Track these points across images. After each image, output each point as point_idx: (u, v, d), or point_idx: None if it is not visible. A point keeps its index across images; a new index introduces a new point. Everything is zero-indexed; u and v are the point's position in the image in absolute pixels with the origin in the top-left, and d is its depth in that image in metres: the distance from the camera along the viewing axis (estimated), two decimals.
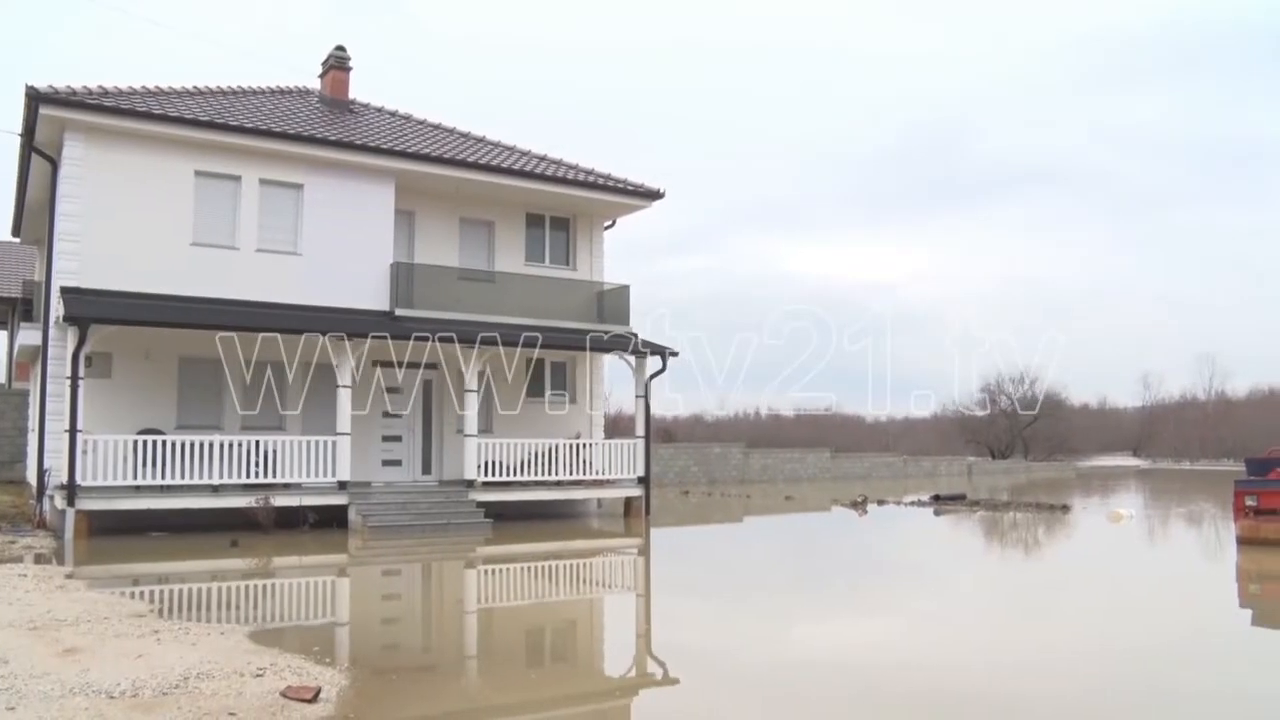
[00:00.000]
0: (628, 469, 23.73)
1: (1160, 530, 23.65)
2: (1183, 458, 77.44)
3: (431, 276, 22.77)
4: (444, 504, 20.85)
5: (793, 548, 21.21)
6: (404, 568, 16.61)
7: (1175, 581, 15.58)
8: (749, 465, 45.02)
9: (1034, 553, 19.76)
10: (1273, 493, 17.88)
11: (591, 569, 17.02)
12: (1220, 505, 27.60)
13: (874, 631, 10.79)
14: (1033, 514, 26.83)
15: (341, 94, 26.47)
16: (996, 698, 7.70)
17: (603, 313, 25.19)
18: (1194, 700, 7.68)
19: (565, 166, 25.60)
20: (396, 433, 23.08)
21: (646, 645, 10.41)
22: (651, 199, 26.14)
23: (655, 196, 26.11)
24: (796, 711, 7.33)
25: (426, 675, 8.49)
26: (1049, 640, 10.23)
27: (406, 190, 22.92)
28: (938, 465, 55.16)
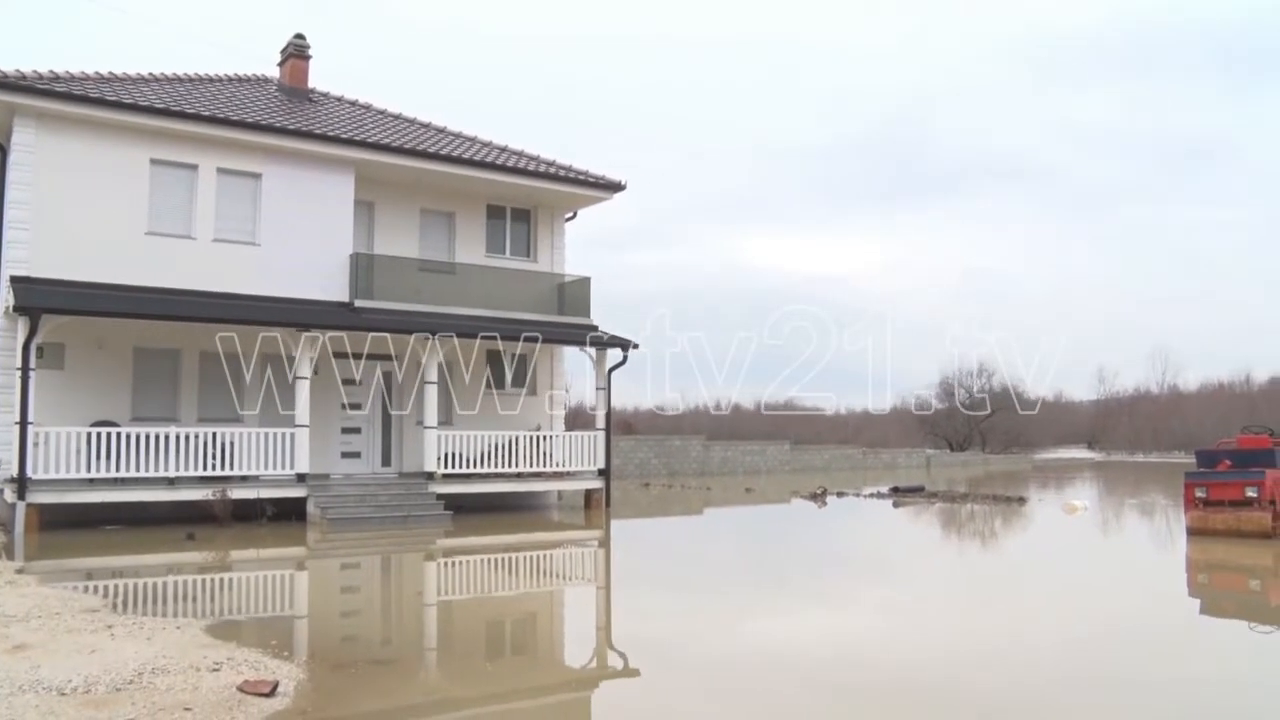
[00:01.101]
0: (588, 461, 23.72)
1: (1113, 521, 24.01)
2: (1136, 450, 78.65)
3: (391, 268, 22.61)
4: (404, 496, 20.75)
5: (753, 539, 21.30)
6: (363, 560, 16.50)
7: (1127, 572, 15.83)
8: (709, 457, 45.15)
9: (991, 544, 19.98)
10: (1221, 484, 18.19)
11: (552, 561, 17.01)
12: (1171, 497, 28.04)
13: (833, 622, 10.87)
14: (990, 506, 27.13)
15: (301, 83, 26.20)
16: (954, 687, 7.78)
17: (564, 305, 25.14)
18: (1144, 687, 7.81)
19: (527, 158, 25.50)
20: (356, 425, 22.93)
21: (607, 637, 10.42)
22: (613, 191, 26.11)
23: (617, 188, 26.09)
24: (756, 702, 7.37)
25: (386, 669, 8.45)
26: (1005, 630, 10.36)
27: (366, 180, 22.74)
28: (896, 457, 55.63)
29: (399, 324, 21.63)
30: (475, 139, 25.74)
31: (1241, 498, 17.78)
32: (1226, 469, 18.66)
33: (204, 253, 20.45)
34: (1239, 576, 14.73)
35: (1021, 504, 27.40)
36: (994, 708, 7.20)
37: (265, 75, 26.42)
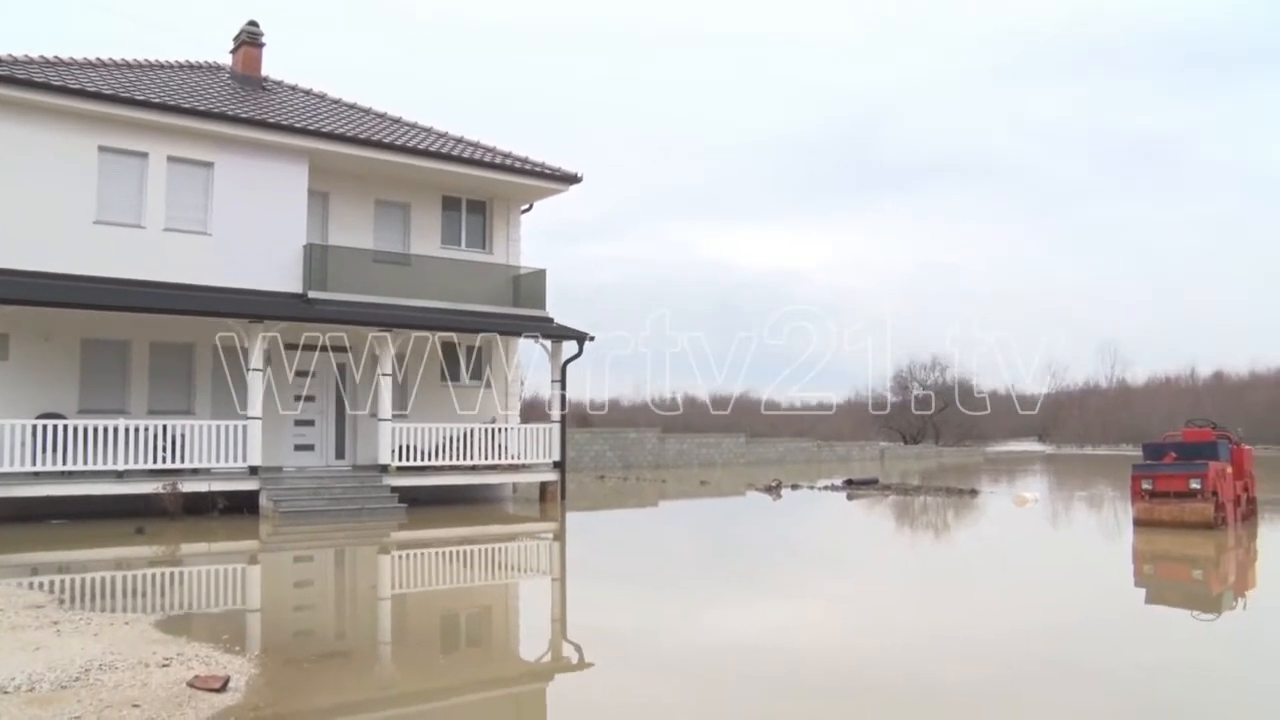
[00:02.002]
0: (543, 454, 23.69)
1: (1063, 513, 24.36)
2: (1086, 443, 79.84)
3: (346, 259, 22.41)
4: (358, 489, 20.61)
5: (708, 532, 21.39)
6: (316, 553, 16.38)
7: (1076, 562, 16.08)
8: (664, 450, 45.24)
9: (943, 536, 20.21)
10: (1166, 477, 18.53)
11: (507, 554, 16.98)
12: (1119, 489, 28.49)
13: (787, 614, 10.94)
14: (942, 498, 27.42)
15: (254, 71, 25.86)
16: (907, 678, 7.87)
17: (519, 297, 25.07)
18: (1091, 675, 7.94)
19: (483, 149, 25.38)
20: (309, 417, 22.72)
21: (562, 629, 10.43)
22: (569, 183, 26.06)
23: (573, 180, 26.03)
24: (710, 694, 7.41)
25: (339, 662, 8.40)
26: (958, 621, 10.49)
27: (321, 171, 22.50)
28: (850, 450, 56.06)
29: (353, 316, 21.46)
30: (431, 130, 25.56)
31: (1186, 489, 18.12)
32: (1172, 461, 19.00)
33: (154, 242, 20.14)
34: (1183, 567, 15.02)
35: (973, 496, 27.73)
36: (946, 697, 7.29)
37: (218, 63, 26.04)
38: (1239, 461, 20.14)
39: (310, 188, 22.20)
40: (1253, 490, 21.23)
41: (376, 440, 21.65)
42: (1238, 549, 16.70)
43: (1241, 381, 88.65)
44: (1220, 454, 19.15)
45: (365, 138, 22.73)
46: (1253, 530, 19.11)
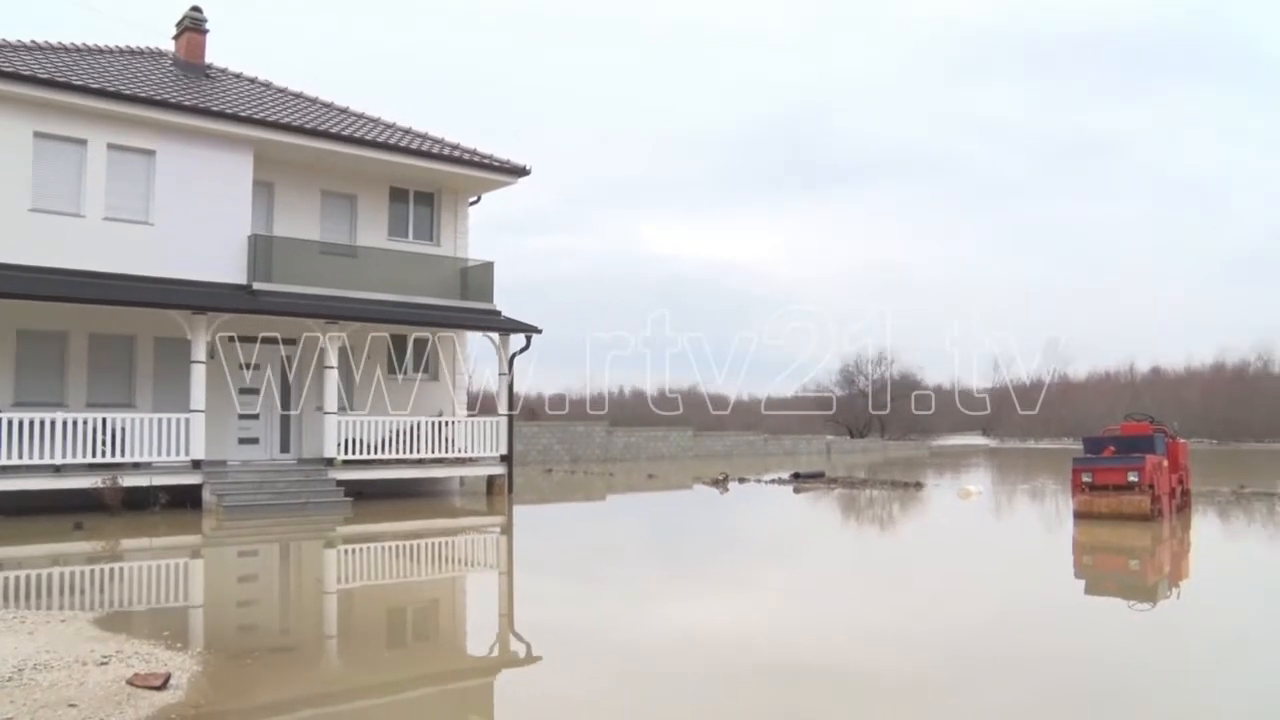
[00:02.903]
0: (490, 447, 23.61)
1: (1006, 505, 24.77)
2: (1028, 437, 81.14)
3: (291, 250, 22.13)
4: (303, 483, 20.40)
5: (655, 525, 21.45)
6: (261, 548, 16.20)
7: (1018, 554, 16.36)
8: (612, 443, 45.27)
9: (889, 528, 20.45)
10: (1105, 470, 18.88)
11: (454, 548, 16.91)
12: (1060, 481, 28.99)
13: (734, 607, 11.00)
14: (888, 491, 27.72)
15: (197, 57, 25.39)
16: (852, 669, 7.96)
17: (467, 289, 24.93)
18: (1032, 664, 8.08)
19: (431, 140, 25.19)
20: (254, 410, 22.43)
21: (509, 624, 10.40)
22: (518, 175, 25.95)
23: (521, 173, 25.93)
24: (659, 687, 7.44)
25: (284, 657, 8.32)
26: (902, 611, 10.62)
27: (265, 160, 22.18)
28: (798, 444, 56.48)
29: (299, 307, 21.22)
30: (379, 120, 25.32)
31: (1124, 482, 18.47)
32: (1111, 455, 19.36)
33: (94, 231, 19.73)
34: (1120, 558, 15.33)
35: (918, 489, 28.07)
36: (890, 688, 7.38)
37: (159, 49, 25.55)
38: (1175, 455, 20.57)
39: (255, 178, 21.87)
40: (1187, 483, 21.71)
41: (322, 433, 21.44)
42: (1172, 540, 17.07)
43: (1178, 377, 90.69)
44: (1157, 448, 19.55)
45: (311, 127, 22.46)
46: (1187, 521, 19.55)
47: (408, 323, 23.45)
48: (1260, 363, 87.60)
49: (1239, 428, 79.39)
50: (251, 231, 21.65)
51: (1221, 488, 26.78)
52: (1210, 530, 18.98)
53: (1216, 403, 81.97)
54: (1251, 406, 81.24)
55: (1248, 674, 7.95)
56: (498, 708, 7.33)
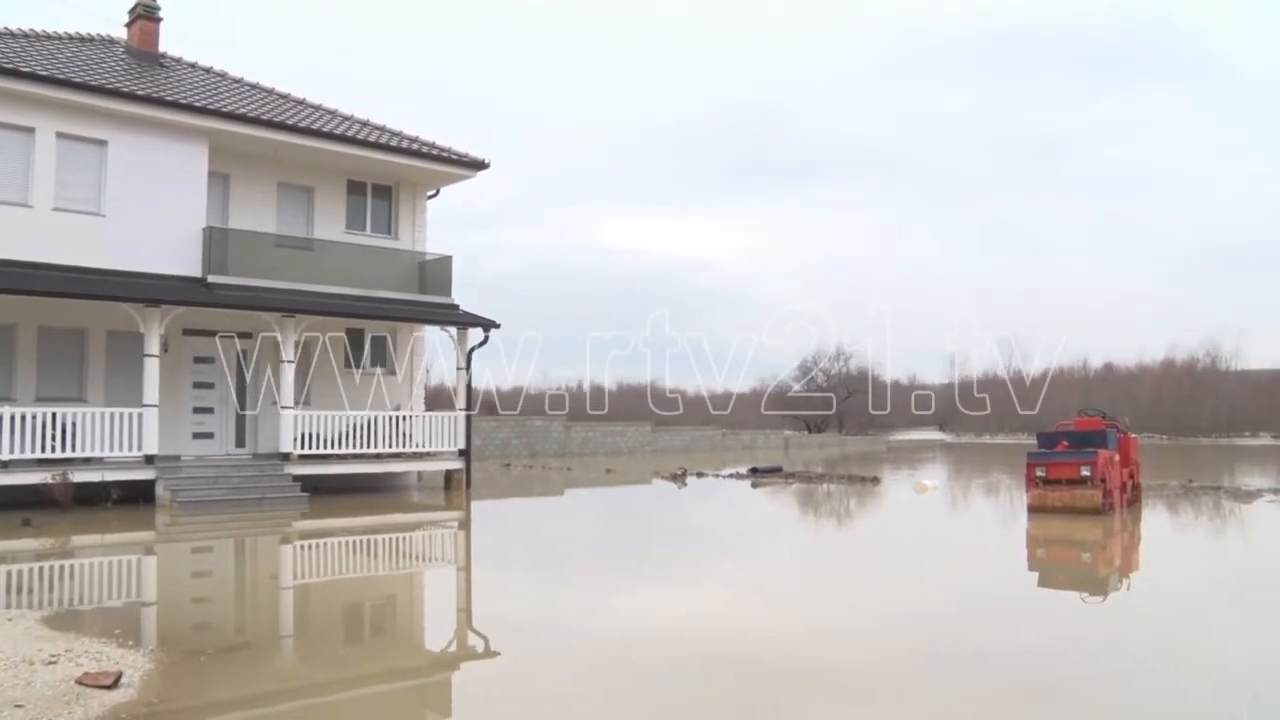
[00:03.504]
0: (448, 442, 23.51)
1: (961, 500, 25.03)
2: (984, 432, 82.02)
3: (247, 242, 21.88)
4: (258, 478, 20.19)
5: (613, 520, 21.46)
6: (215, 544, 16.02)
7: (973, 547, 16.55)
8: (570, 438, 45.23)
9: (846, 522, 20.60)
10: (1058, 464, 19.14)
11: (411, 543, 16.82)
12: (1014, 476, 29.35)
13: (693, 601, 11.04)
14: (845, 485, 27.92)
15: (150, 46, 24.97)
16: (808, 662, 8.01)
17: (425, 283, 24.77)
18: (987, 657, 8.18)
19: (389, 133, 24.99)
20: (209, 404, 22.16)
21: (467, 619, 10.38)
22: (476, 169, 25.83)
23: (480, 167, 25.81)
24: (617, 682, 7.46)
25: (239, 655, 8.23)
26: (859, 605, 10.71)
27: (221, 152, 21.89)
28: (755, 438, 56.72)
29: (255, 301, 20.99)
30: (336, 112, 25.07)
31: (1077, 476, 18.74)
32: (1064, 449, 19.63)
33: (43, 222, 19.36)
34: (1073, 551, 15.56)
35: (875, 484, 28.29)
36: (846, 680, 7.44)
37: (112, 36, 25.12)
38: (1126, 450, 20.90)
39: (210, 169, 21.57)
40: (1138, 477, 22.07)
41: (278, 428, 21.23)
42: (1123, 533, 17.34)
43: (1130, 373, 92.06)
44: (1109, 443, 19.85)
45: (268, 119, 22.19)
46: (1137, 515, 19.87)
47: (365, 317, 23.28)
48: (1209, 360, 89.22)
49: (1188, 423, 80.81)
50: (206, 223, 21.36)
51: (1171, 482, 27.23)
52: (1160, 523, 19.30)
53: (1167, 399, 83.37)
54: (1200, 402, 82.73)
55: (1195, 664, 8.09)
56: (455, 703, 7.31)
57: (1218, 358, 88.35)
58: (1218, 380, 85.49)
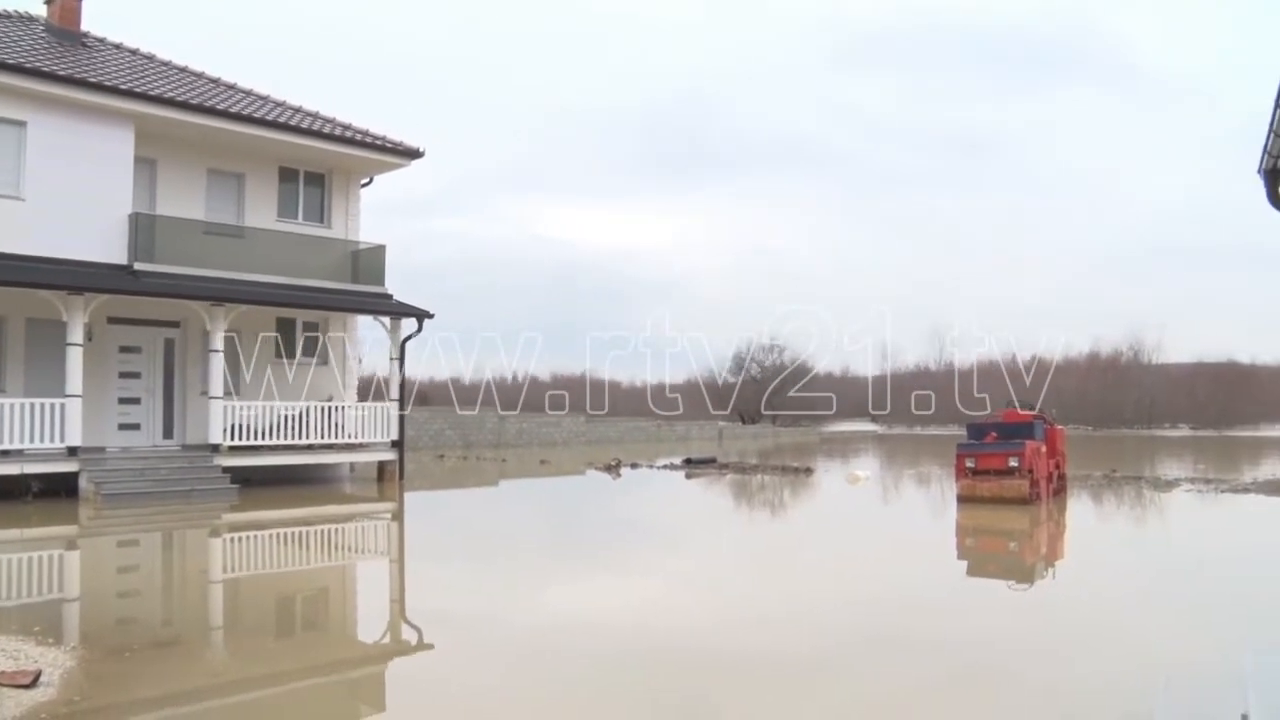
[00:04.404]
0: (381, 433, 23.30)
1: (893, 490, 25.38)
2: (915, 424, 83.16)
3: (175, 229, 21.41)
4: (187, 469, 19.82)
5: (548, 511, 21.43)
6: (142, 537, 15.70)
7: (904, 537, 16.80)
8: (505, 429, 45.04)
9: (779, 513, 20.77)
10: (987, 455, 19.50)
11: (343, 535, 16.64)
12: (944, 467, 29.82)
13: (627, 592, 11.06)
14: (779, 476, 28.15)
15: (72, 24, 24.29)
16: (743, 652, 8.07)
17: (357, 273, 24.47)
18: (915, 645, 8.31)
19: (322, 120, 24.62)
20: (135, 394, 21.68)
21: (401, 611, 10.30)
22: (411, 158, 25.56)
23: (414, 155, 25.55)
24: (551, 672, 7.44)
25: (166, 651, 8.07)
26: (791, 595, 10.81)
27: (148, 136, 21.37)
28: (690, 430, 56.92)
29: (183, 289, 20.57)
30: (268, 98, 24.62)
31: (1005, 467, 19.10)
32: (993, 441, 19.99)
33: None
34: (1001, 540, 15.88)
35: (808, 474, 28.56)
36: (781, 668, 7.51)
37: (30, 13, 24.37)
38: (1052, 441, 21.35)
39: (136, 154, 21.05)
40: (1064, 468, 22.56)
41: (207, 419, 20.84)
42: (1049, 522, 17.73)
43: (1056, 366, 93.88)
44: (1036, 434, 20.25)
45: (197, 103, 21.71)
46: (1063, 505, 20.32)
47: (297, 306, 22.95)
48: (1132, 353, 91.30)
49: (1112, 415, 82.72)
50: (133, 209, 20.86)
51: (1095, 472, 27.86)
52: (1084, 512, 19.75)
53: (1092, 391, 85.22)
54: (1123, 394, 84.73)
55: (1115, 649, 8.29)
56: (389, 696, 7.25)
57: (1140, 351, 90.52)
58: (1140, 374, 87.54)
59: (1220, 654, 7.76)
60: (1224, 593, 10.93)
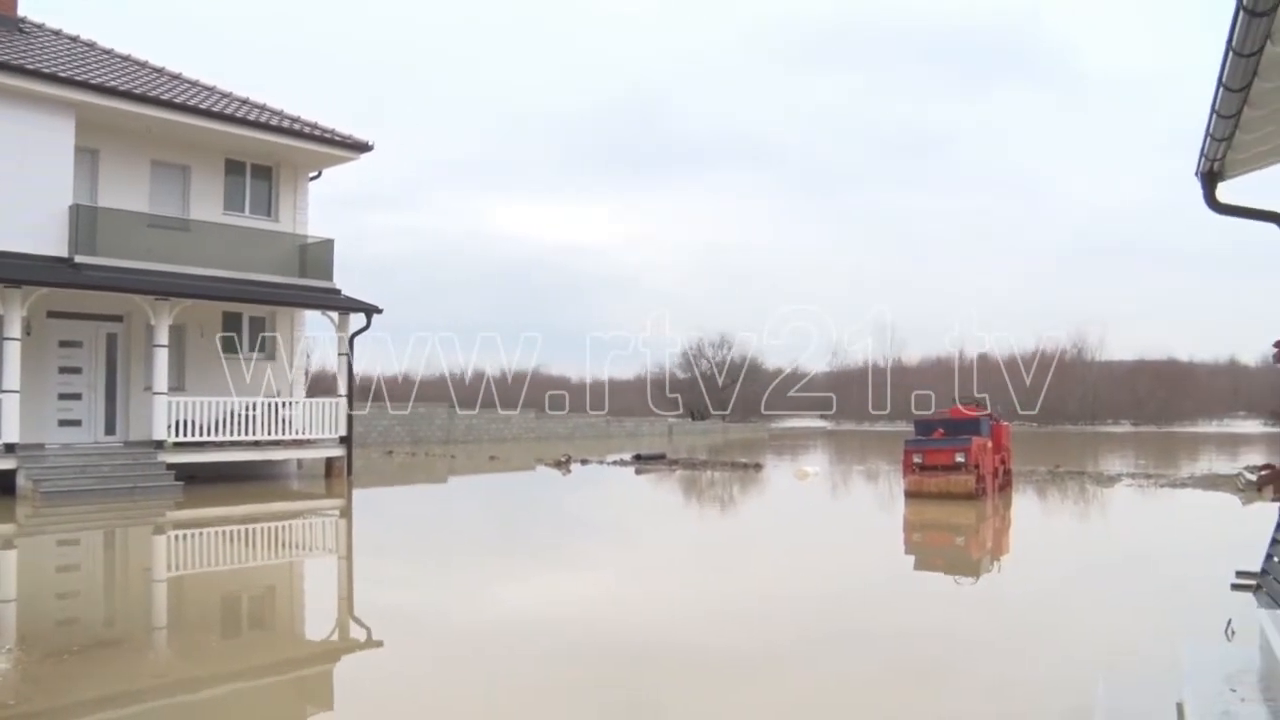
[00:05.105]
0: (329, 429, 23.09)
1: (841, 485, 25.59)
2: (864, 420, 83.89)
3: (118, 221, 21.03)
4: (130, 466, 19.50)
5: (497, 507, 21.36)
6: (83, 536, 15.42)
7: (852, 532, 16.97)
8: (454, 425, 44.79)
9: (729, 508, 20.88)
10: (935, 450, 19.73)
11: (291, 532, 16.46)
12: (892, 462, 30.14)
13: (577, 587, 11.06)
14: (728, 472, 28.28)
15: (9, 10, 23.68)
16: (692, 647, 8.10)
17: (305, 267, 24.22)
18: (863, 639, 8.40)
19: (270, 112, 24.29)
20: (76, 390, 21.28)
21: (349, 608, 10.22)
22: (360, 151, 25.32)
23: (364, 148, 25.32)
24: (502, 668, 7.42)
25: (108, 652, 7.94)
26: (740, 590, 10.87)
27: (90, 126, 20.95)
28: (640, 425, 56.97)
29: (126, 283, 20.23)
30: (214, 89, 24.24)
31: (951, 463, 19.34)
32: (940, 437, 20.23)
33: None
34: (947, 535, 16.07)
35: (758, 470, 28.72)
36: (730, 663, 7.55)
37: None
38: (998, 437, 21.63)
39: (77, 144, 20.64)
40: (1009, 463, 22.87)
41: (151, 415, 20.51)
42: (995, 517, 17.98)
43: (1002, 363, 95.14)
44: (982, 430, 20.52)
45: (141, 93, 21.33)
46: (1008, 499, 20.61)
47: (243, 300, 22.66)
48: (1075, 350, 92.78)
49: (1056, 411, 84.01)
50: (74, 201, 20.47)
51: (1039, 467, 28.28)
52: (1029, 507, 20.04)
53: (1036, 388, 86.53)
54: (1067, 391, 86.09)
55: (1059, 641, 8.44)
56: (337, 695, 7.19)
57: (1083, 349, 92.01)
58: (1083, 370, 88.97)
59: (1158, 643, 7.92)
60: (1162, 584, 11.16)
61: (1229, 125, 6.15)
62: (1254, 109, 5.87)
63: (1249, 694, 3.51)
